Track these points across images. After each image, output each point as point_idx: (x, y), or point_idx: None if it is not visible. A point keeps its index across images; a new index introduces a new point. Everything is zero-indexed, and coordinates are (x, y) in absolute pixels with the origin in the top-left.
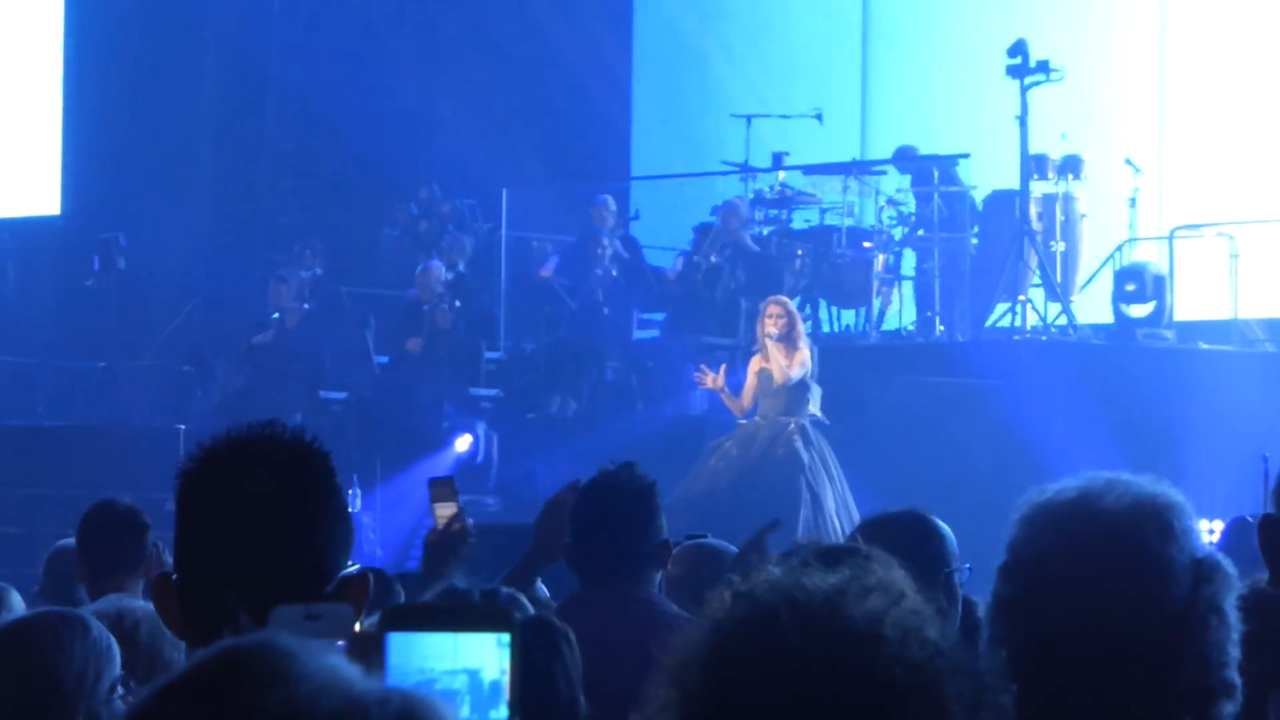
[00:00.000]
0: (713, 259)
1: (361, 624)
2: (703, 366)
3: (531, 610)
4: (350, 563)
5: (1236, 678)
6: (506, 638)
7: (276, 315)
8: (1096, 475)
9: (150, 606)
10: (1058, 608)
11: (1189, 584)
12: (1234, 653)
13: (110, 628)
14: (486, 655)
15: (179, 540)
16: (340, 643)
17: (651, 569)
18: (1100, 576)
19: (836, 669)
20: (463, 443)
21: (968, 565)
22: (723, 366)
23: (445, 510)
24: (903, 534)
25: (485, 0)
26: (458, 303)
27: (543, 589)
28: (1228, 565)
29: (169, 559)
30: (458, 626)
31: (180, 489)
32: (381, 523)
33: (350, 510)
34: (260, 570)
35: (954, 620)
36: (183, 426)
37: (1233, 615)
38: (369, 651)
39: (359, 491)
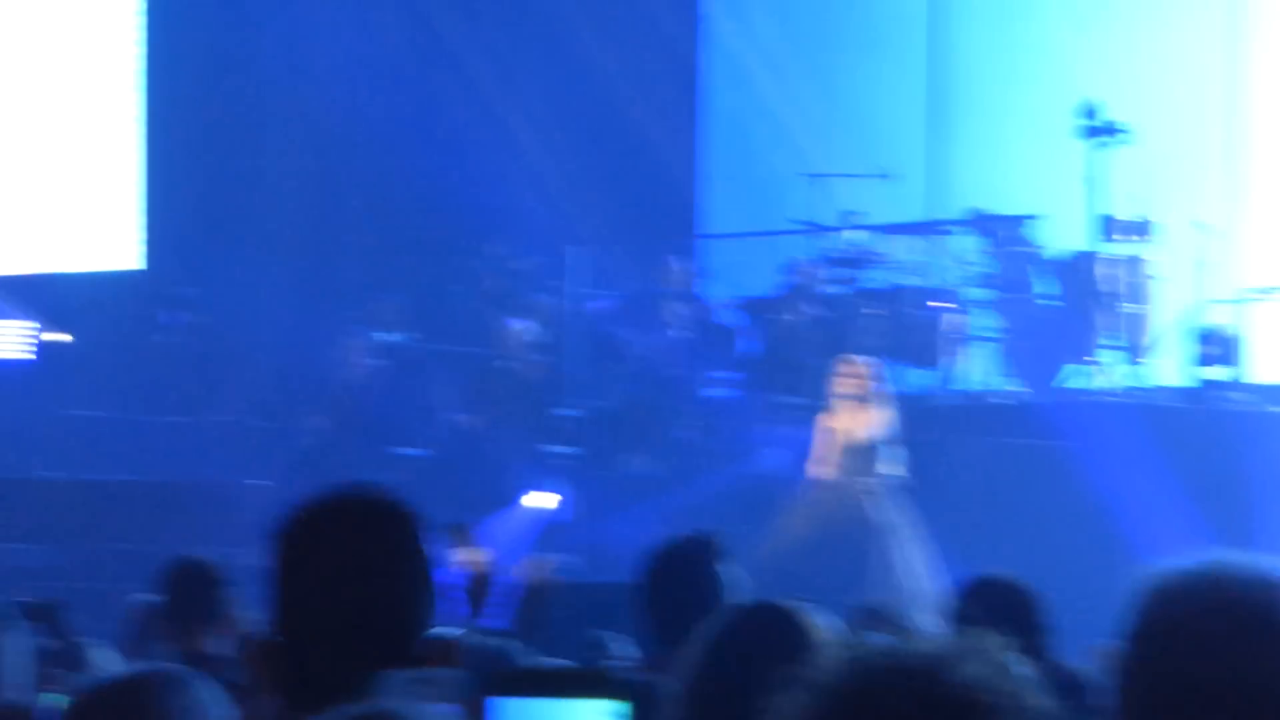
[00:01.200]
0: (785, 317)
1: None
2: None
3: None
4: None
5: None
6: (625, 707)
7: (346, 370)
8: (1209, 557)
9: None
10: (1194, 677)
11: None
12: None
13: (128, 701)
14: None
15: (272, 599)
16: (453, 708)
17: None
18: (1243, 642)
19: None
20: (542, 499)
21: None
22: None
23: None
24: (1005, 599)
25: (552, 58)
26: (535, 359)
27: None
28: None
29: (245, 615)
30: (566, 693)
31: (275, 550)
32: (452, 580)
33: (434, 570)
34: (354, 631)
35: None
36: (252, 482)
37: None
38: (473, 717)
39: (434, 549)
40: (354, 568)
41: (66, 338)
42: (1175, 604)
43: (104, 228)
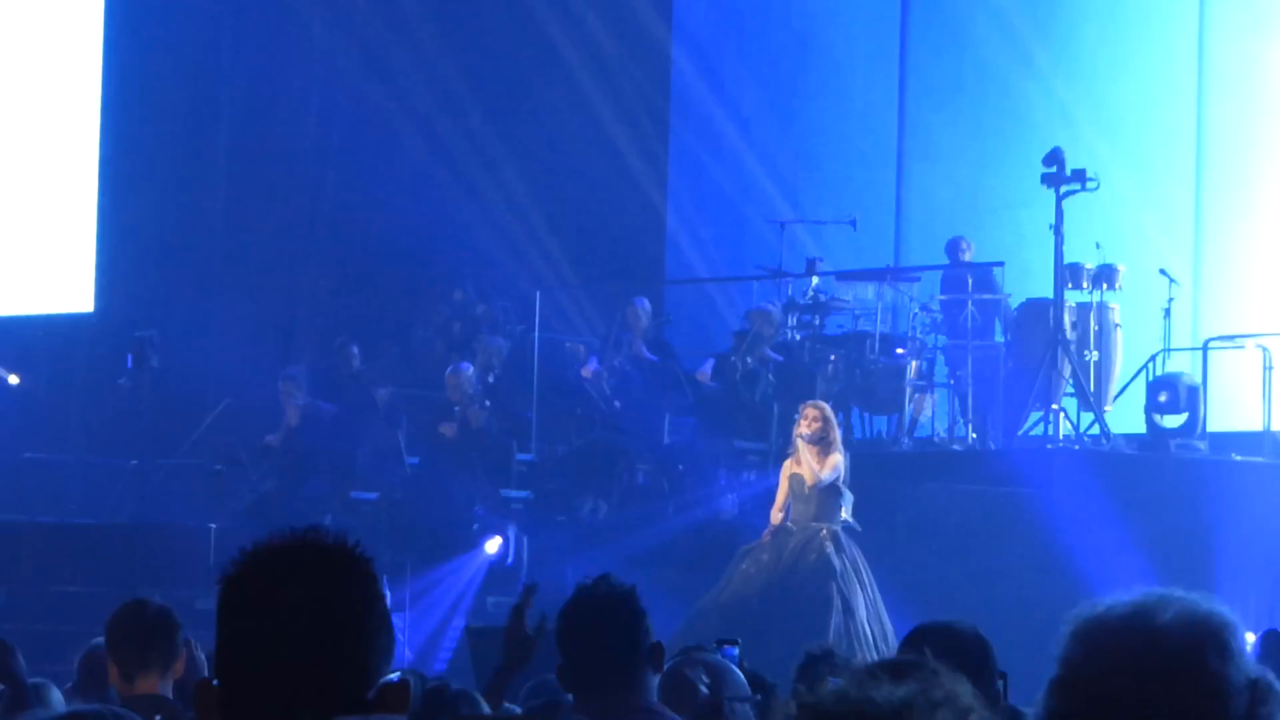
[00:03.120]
0: (749, 362)
1: None
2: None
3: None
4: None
5: None
6: None
7: (295, 415)
8: (1150, 591)
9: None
10: (1114, 704)
11: (1245, 704)
12: None
13: None
14: None
15: (221, 645)
16: None
17: (648, 674)
18: (1159, 695)
19: None
20: (493, 544)
21: (1004, 677)
22: None
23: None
24: (958, 644)
25: (520, 104)
26: (488, 403)
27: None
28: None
29: (201, 656)
30: None
31: (223, 594)
32: (409, 623)
33: (390, 615)
34: (304, 677)
35: None
36: (214, 526)
37: None
38: None
39: (388, 592)
40: (301, 612)
41: (15, 379)
42: (1096, 655)
43: (57, 271)
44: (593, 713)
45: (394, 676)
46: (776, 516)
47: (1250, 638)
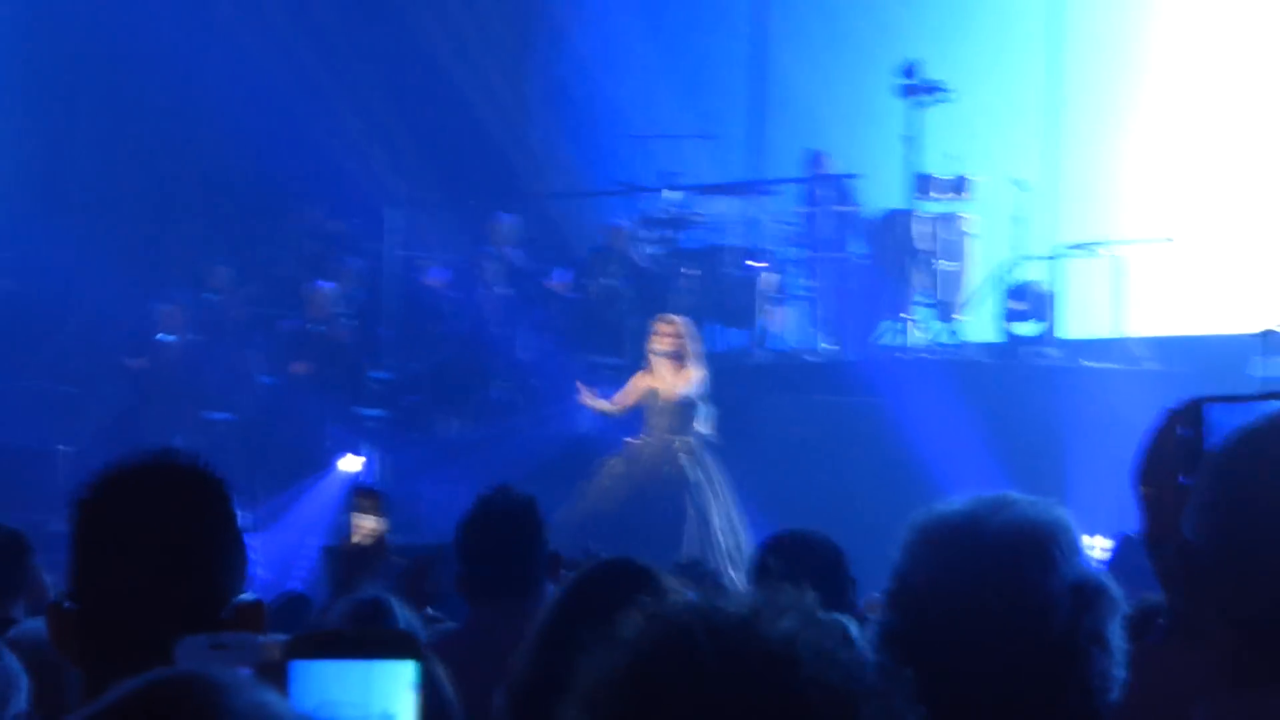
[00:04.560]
0: (607, 280)
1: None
2: (578, 384)
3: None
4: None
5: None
6: (413, 665)
7: (160, 337)
8: (983, 497)
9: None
10: (939, 638)
11: (1068, 613)
12: (1119, 675)
13: (32, 654)
14: (393, 685)
15: (74, 568)
16: (246, 671)
17: (544, 583)
18: (979, 609)
19: (753, 691)
20: (354, 463)
21: (854, 581)
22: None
23: (365, 523)
24: (810, 552)
25: (373, 19)
26: (351, 320)
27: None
28: (1112, 589)
29: (48, 580)
30: (364, 654)
31: (76, 517)
32: (263, 542)
33: (244, 536)
34: (158, 598)
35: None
36: (64, 448)
37: (1116, 639)
38: (274, 680)
39: (241, 512)
40: (155, 534)
41: None
42: (922, 568)
43: None
44: (492, 620)
45: (248, 596)
46: (604, 405)
47: (1105, 543)
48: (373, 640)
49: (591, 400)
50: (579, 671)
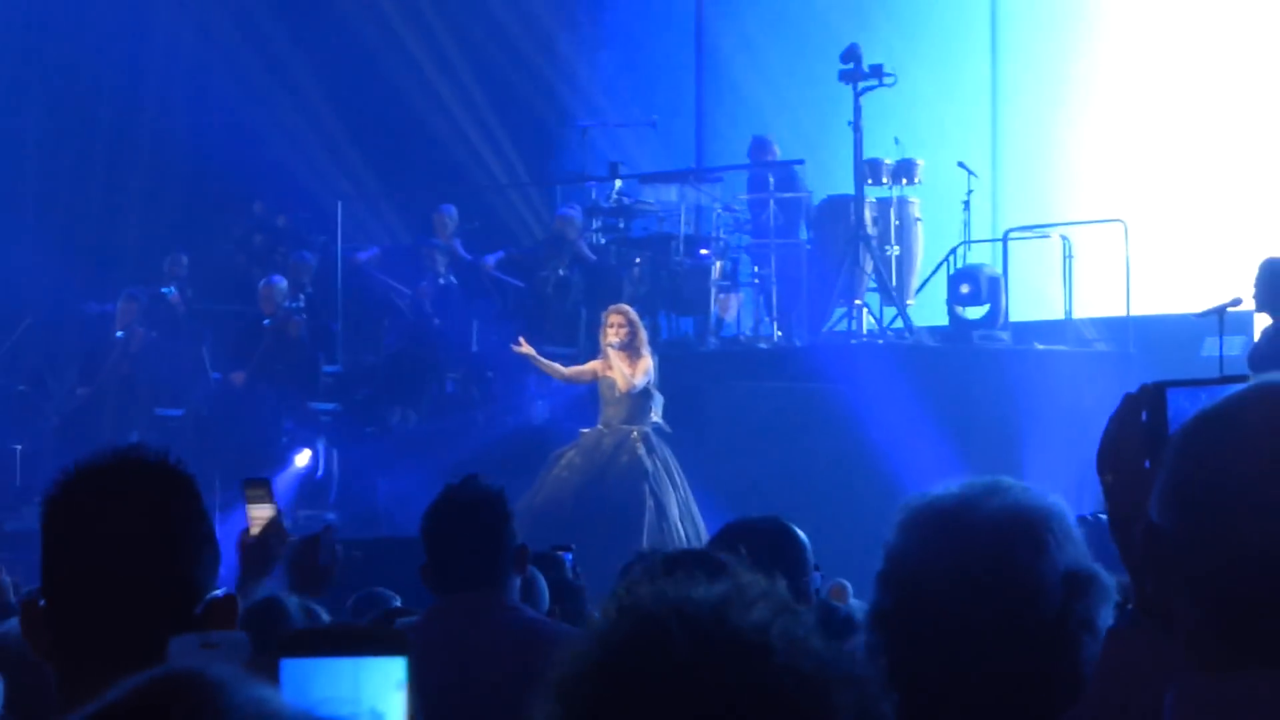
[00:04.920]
0: (559, 271)
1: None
2: (521, 340)
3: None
4: None
5: None
6: (402, 661)
7: (120, 334)
8: (976, 481)
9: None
10: (930, 622)
11: (1059, 600)
12: None
13: (6, 655)
14: (382, 682)
15: (47, 565)
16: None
17: (511, 574)
18: (971, 593)
19: (726, 680)
20: (302, 458)
21: (818, 571)
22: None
23: (261, 512)
24: (764, 540)
25: (316, 14)
26: (304, 316)
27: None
28: (1104, 576)
29: (6, 579)
30: (354, 651)
31: (46, 514)
32: (220, 539)
33: (214, 531)
34: (130, 594)
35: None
36: (19, 447)
37: (1107, 626)
38: (264, 679)
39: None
40: (125, 530)
41: None
42: (915, 550)
43: None
44: (458, 612)
45: (219, 592)
46: (547, 363)
47: None
48: (362, 637)
49: (532, 354)
50: (553, 664)
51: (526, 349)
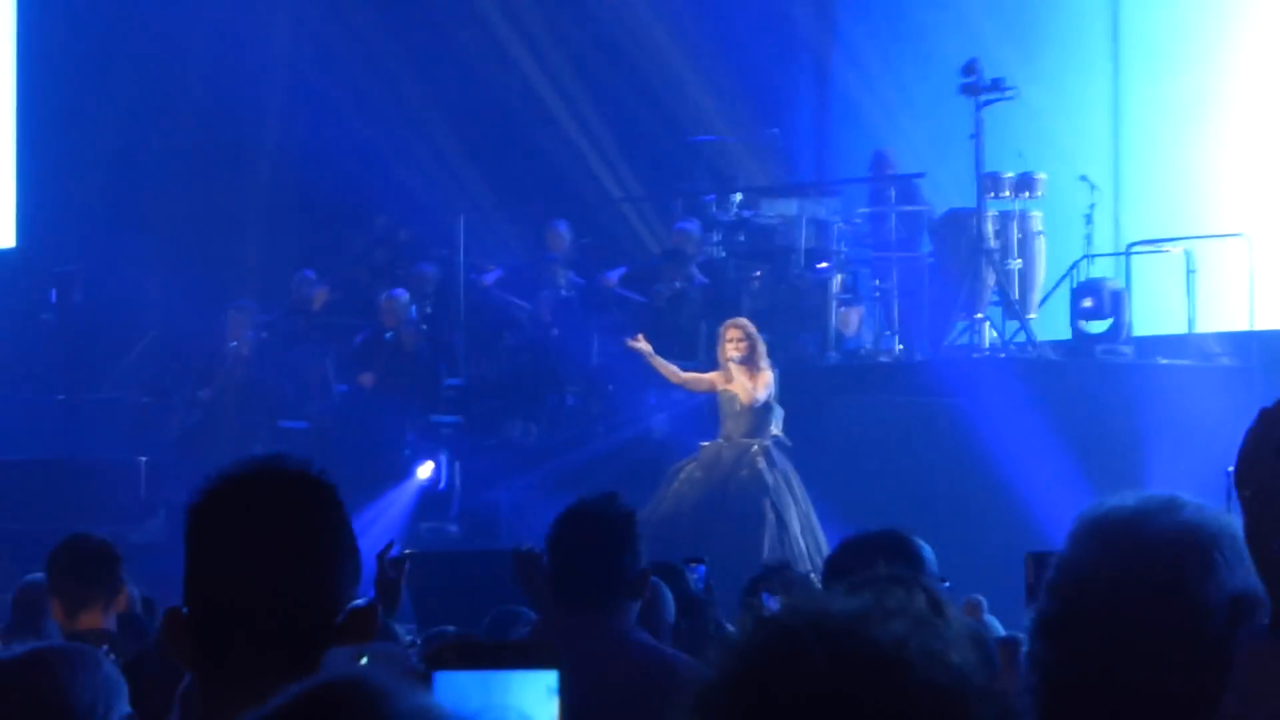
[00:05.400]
0: (677, 285)
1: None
2: (640, 336)
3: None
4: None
5: None
6: (554, 674)
7: (234, 344)
8: (1154, 495)
9: None
10: (1093, 634)
11: (1223, 622)
12: None
13: (34, 684)
14: (534, 694)
15: (190, 574)
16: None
17: (629, 599)
18: (1135, 608)
19: (864, 694)
20: (425, 470)
21: (946, 583)
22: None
23: None
24: (885, 554)
25: (433, 31)
26: (424, 327)
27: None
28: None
29: (134, 591)
30: (504, 664)
31: (190, 523)
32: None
33: (355, 540)
34: (273, 604)
35: None
36: (144, 458)
37: None
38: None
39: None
40: (268, 540)
41: None
42: (1086, 560)
43: None
44: (571, 632)
45: (360, 601)
46: (663, 363)
47: None
48: (514, 650)
49: (648, 350)
50: (690, 676)
51: (643, 345)
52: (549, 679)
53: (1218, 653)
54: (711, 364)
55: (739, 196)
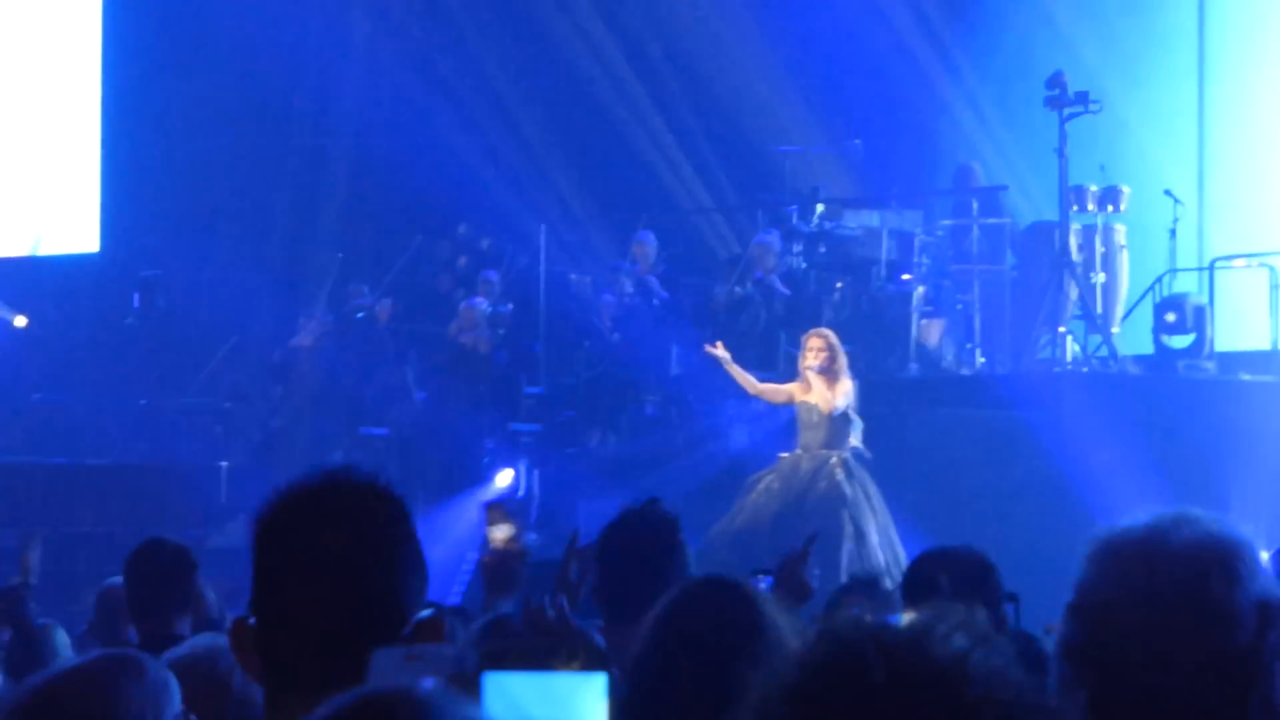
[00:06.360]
0: (737, 290)
1: None
2: (718, 343)
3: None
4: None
5: None
6: (603, 677)
7: (304, 344)
8: (1164, 512)
9: None
10: (1122, 654)
11: (1253, 630)
12: None
13: (204, 671)
14: (583, 696)
15: (257, 585)
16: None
17: None
18: (1163, 623)
19: (922, 709)
20: (504, 477)
21: (1015, 601)
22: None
23: (500, 533)
24: (963, 569)
25: (519, 37)
26: (501, 331)
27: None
28: None
29: (209, 596)
30: (554, 666)
31: (257, 534)
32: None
33: (422, 552)
34: (339, 615)
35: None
36: (225, 464)
37: None
38: (467, 692)
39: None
40: (335, 551)
41: (22, 321)
42: (1105, 583)
43: (62, 211)
44: (617, 638)
45: (426, 613)
46: (740, 372)
47: (1264, 556)
48: (563, 653)
49: (726, 357)
50: (750, 686)
51: (722, 352)
52: (599, 683)
53: (1250, 660)
54: (791, 376)
55: (821, 207)
